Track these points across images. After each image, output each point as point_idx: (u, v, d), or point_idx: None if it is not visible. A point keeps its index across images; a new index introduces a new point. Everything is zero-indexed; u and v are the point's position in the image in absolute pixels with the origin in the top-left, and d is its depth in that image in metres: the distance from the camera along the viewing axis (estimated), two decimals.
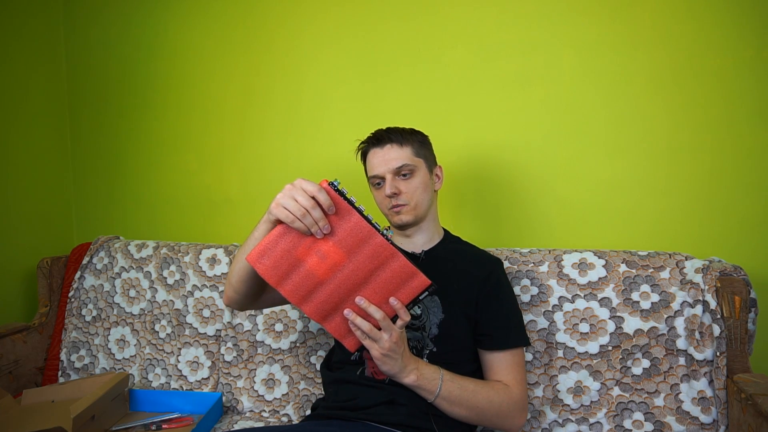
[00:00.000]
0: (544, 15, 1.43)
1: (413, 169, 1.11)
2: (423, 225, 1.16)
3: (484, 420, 1.02)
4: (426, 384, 0.96)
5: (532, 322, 1.25)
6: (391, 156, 1.10)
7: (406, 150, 1.11)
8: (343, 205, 0.85)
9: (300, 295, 0.89)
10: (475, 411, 0.99)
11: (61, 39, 1.86)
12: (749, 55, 1.30)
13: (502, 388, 1.03)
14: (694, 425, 1.11)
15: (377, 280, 0.88)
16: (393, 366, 0.92)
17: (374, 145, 1.13)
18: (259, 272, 0.87)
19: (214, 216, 1.77)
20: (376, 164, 1.12)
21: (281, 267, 0.87)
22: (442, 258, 1.14)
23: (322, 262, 0.86)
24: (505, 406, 1.02)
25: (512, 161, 1.47)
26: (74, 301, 1.62)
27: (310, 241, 0.86)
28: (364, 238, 0.86)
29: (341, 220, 0.85)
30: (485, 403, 0.99)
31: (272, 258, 0.87)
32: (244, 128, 1.72)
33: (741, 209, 1.32)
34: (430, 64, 1.53)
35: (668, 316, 1.16)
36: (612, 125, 1.40)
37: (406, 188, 1.10)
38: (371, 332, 0.89)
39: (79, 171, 1.90)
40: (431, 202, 1.16)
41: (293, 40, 1.65)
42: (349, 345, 0.94)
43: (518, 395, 1.04)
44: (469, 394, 0.98)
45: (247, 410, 1.40)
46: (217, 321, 1.49)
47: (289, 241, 0.86)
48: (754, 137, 1.30)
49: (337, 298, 0.89)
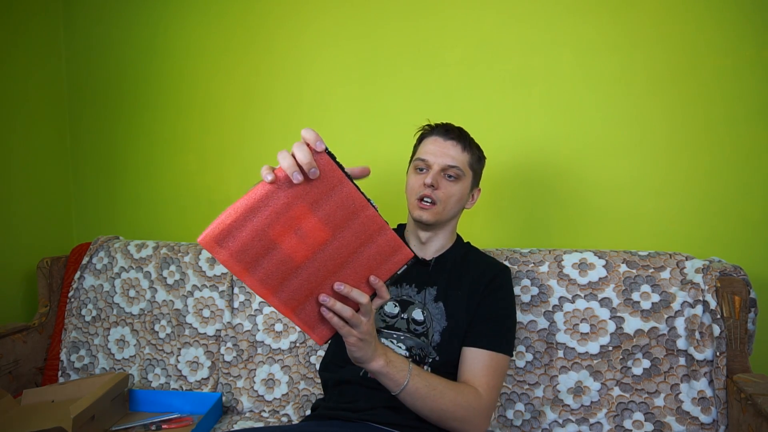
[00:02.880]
0: (544, 15, 1.43)
1: (461, 176, 1.09)
2: (440, 233, 1.15)
3: (444, 421, 0.95)
4: (394, 373, 0.87)
5: (533, 322, 1.25)
6: (450, 152, 1.09)
7: (466, 155, 1.10)
8: (335, 174, 0.71)
9: (271, 285, 0.73)
10: (438, 412, 0.93)
11: (61, 39, 1.86)
12: (749, 55, 1.30)
13: (471, 393, 0.97)
14: (694, 425, 1.11)
15: (360, 258, 0.78)
16: (366, 351, 0.83)
17: (439, 133, 1.11)
18: (219, 259, 0.70)
19: (214, 216, 1.73)
20: (432, 151, 1.10)
21: (249, 252, 0.70)
22: (451, 264, 1.13)
23: (302, 242, 0.72)
24: (471, 412, 0.95)
25: (512, 161, 1.47)
26: (74, 301, 1.62)
27: (291, 217, 0.71)
28: (355, 212, 0.74)
29: (330, 192, 0.72)
30: (450, 405, 0.93)
31: (238, 242, 0.69)
32: (245, 128, 1.72)
33: (741, 209, 1.32)
34: (430, 65, 1.53)
35: (668, 317, 1.16)
36: (612, 125, 1.40)
37: (445, 189, 1.08)
38: (353, 318, 0.78)
39: (79, 171, 1.90)
40: (456, 215, 1.15)
41: (293, 40, 1.66)
42: (319, 337, 0.80)
43: (486, 403, 0.98)
44: (436, 394, 0.92)
45: (247, 410, 1.40)
46: (217, 321, 1.49)
47: (264, 219, 0.70)
48: (754, 137, 1.30)
49: (313, 284, 0.76)
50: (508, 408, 1.24)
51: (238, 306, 1.48)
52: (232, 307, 1.49)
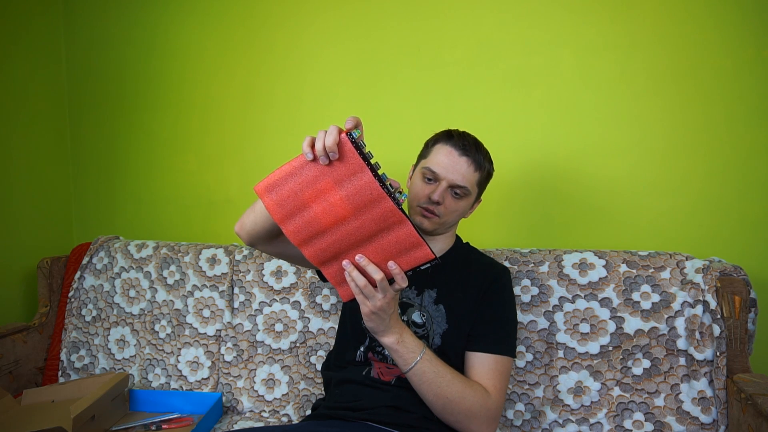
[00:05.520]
0: (544, 15, 1.43)
1: (467, 194, 1.08)
2: (439, 237, 1.15)
3: (450, 414, 0.96)
4: (404, 352, 0.93)
5: (533, 322, 1.25)
6: (462, 170, 1.06)
7: (476, 175, 1.08)
8: (357, 161, 0.82)
9: (301, 237, 0.88)
10: (443, 400, 0.94)
11: (61, 39, 1.86)
12: (749, 55, 1.30)
13: (480, 391, 0.98)
14: (694, 425, 1.11)
15: (380, 242, 0.86)
16: (378, 324, 0.91)
17: (456, 146, 1.07)
18: (264, 204, 0.87)
19: (214, 216, 1.77)
20: (444, 164, 1.06)
21: (287, 206, 0.86)
22: (451, 265, 1.13)
23: (329, 211, 0.85)
24: (477, 408, 0.96)
25: (512, 161, 1.47)
26: (74, 301, 1.62)
27: (320, 188, 0.84)
28: (373, 200, 0.83)
29: (352, 176, 0.83)
30: (457, 396, 0.94)
31: (279, 195, 0.86)
32: (245, 128, 1.72)
33: (741, 209, 1.32)
34: (430, 65, 1.53)
35: (669, 317, 1.16)
36: (612, 125, 1.40)
37: (449, 205, 1.07)
38: (365, 288, 0.87)
39: (79, 171, 1.90)
40: (456, 223, 1.15)
41: (294, 40, 1.66)
42: (344, 294, 0.93)
43: (494, 404, 0.98)
44: (443, 381, 0.94)
45: (247, 410, 1.40)
46: (217, 321, 1.49)
47: (299, 183, 0.85)
48: (754, 137, 1.30)
49: (338, 249, 0.88)
50: (508, 408, 1.24)
51: (238, 306, 1.48)
52: (232, 307, 1.49)
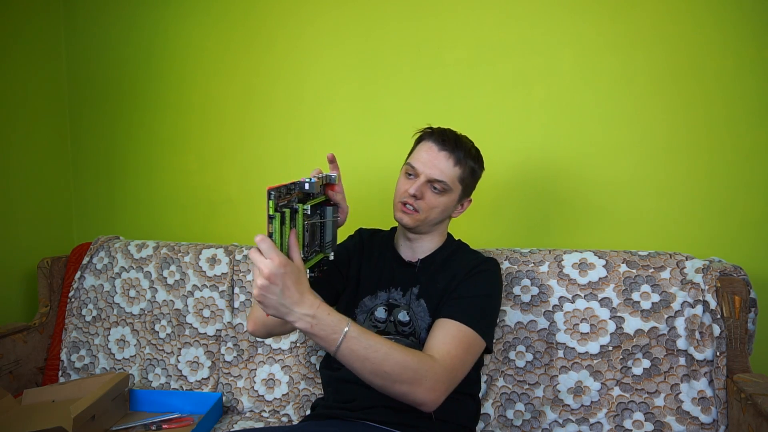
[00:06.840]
0: (544, 15, 1.43)
1: (447, 190, 1.06)
2: (426, 237, 1.14)
3: (392, 386, 0.86)
4: (323, 334, 0.81)
5: (533, 322, 1.25)
6: (440, 164, 1.05)
7: (456, 170, 1.06)
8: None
9: None
10: (382, 375, 0.84)
11: (61, 39, 1.86)
12: (749, 55, 1.30)
13: (423, 356, 0.90)
14: (694, 425, 1.11)
15: None
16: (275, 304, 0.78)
17: (435, 141, 1.07)
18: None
19: (214, 216, 1.77)
20: (423, 159, 1.06)
21: None
22: (437, 264, 1.12)
23: None
24: (420, 374, 0.86)
25: (512, 161, 1.47)
26: (74, 301, 1.62)
27: None
28: None
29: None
30: (397, 367, 0.84)
31: None
32: (245, 128, 1.72)
33: (741, 209, 1.32)
34: (430, 65, 1.53)
35: (668, 316, 1.16)
36: (612, 125, 1.40)
37: (428, 200, 1.06)
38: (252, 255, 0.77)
39: (79, 171, 1.90)
40: (441, 222, 1.13)
41: (293, 40, 1.66)
42: None
43: (442, 368, 0.89)
44: (378, 356, 0.83)
45: (247, 410, 1.40)
46: (217, 321, 1.49)
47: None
48: (754, 137, 1.30)
49: None
50: (508, 408, 1.24)
51: (239, 306, 1.48)
52: (232, 307, 1.49)
